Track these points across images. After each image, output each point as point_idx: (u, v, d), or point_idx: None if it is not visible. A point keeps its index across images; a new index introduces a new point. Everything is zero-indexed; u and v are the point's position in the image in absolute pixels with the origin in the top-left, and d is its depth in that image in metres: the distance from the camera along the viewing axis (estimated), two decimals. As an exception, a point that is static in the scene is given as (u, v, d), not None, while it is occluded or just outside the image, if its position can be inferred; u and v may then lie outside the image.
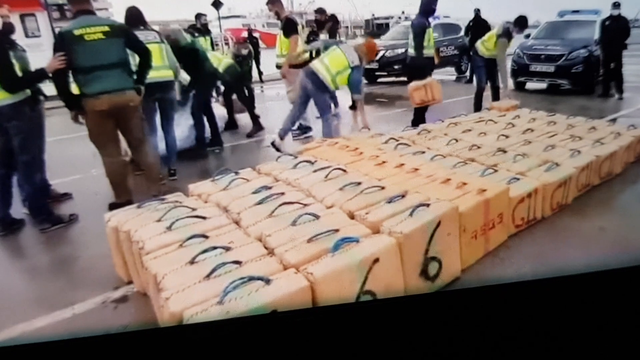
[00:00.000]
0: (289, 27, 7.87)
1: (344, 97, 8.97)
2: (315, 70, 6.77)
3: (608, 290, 2.06)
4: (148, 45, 5.54)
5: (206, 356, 1.91)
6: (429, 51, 7.88)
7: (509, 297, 2.07)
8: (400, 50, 14.39)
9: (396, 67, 14.52)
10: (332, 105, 7.97)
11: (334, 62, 6.75)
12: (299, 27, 8.20)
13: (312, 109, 7.48)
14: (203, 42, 10.09)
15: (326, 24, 9.80)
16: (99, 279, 3.86)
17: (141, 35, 5.71)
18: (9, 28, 5.18)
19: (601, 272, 2.12)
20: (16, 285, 4.11)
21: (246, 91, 8.96)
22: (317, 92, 6.83)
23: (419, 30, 7.75)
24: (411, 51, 7.94)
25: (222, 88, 9.07)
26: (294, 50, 7.81)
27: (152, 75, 5.78)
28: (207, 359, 1.91)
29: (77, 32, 4.77)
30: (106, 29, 4.89)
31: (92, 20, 4.92)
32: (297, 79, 7.22)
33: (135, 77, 5.22)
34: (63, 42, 4.79)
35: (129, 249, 3.43)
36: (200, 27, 11.14)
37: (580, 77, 11.18)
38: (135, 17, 6.23)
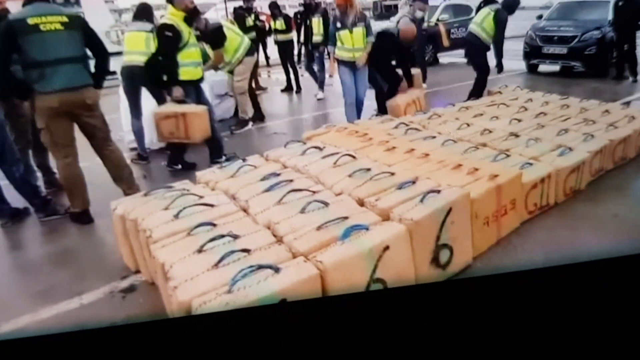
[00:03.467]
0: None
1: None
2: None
3: (622, 277, 2.02)
4: None
5: (215, 346, 1.89)
6: None
7: (521, 285, 2.04)
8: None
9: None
10: None
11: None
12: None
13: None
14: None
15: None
16: (105, 268, 3.85)
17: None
18: (4, 13, 4.99)
19: (615, 259, 2.09)
20: (22, 275, 4.10)
21: None
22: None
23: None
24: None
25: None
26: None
27: None
28: (216, 349, 1.89)
29: (31, 21, 4.33)
30: (64, 19, 4.48)
31: (49, 8, 4.51)
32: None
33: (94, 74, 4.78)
34: (13, 32, 4.32)
35: (136, 237, 3.42)
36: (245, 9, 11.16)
37: (593, 59, 11.01)
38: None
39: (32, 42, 4.37)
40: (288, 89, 11.34)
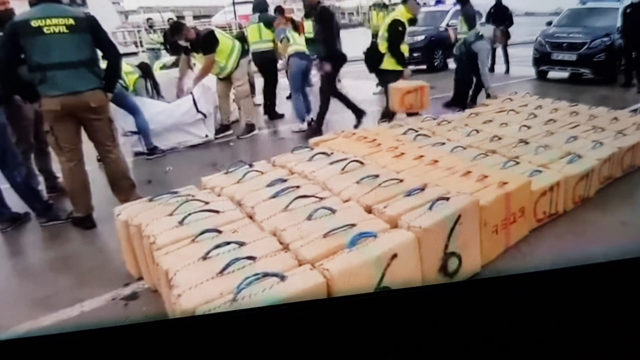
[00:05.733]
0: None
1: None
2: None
3: (627, 279, 2.01)
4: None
5: (219, 348, 1.87)
6: None
7: (527, 288, 2.03)
8: (420, 38, 14.11)
9: (415, 54, 14.09)
10: None
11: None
12: None
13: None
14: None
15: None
16: (108, 275, 3.80)
17: None
18: (9, 14, 4.86)
19: (621, 261, 2.07)
20: (22, 282, 4.06)
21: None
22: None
23: None
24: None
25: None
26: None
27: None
28: (220, 351, 1.87)
29: (35, 24, 4.24)
30: (71, 22, 4.35)
31: (55, 10, 4.37)
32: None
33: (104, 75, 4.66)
34: (16, 34, 4.26)
35: (140, 244, 3.37)
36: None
37: (602, 66, 10.95)
38: None
39: (35, 45, 4.29)
40: None
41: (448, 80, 8.98)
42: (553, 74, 12.11)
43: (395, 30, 7.07)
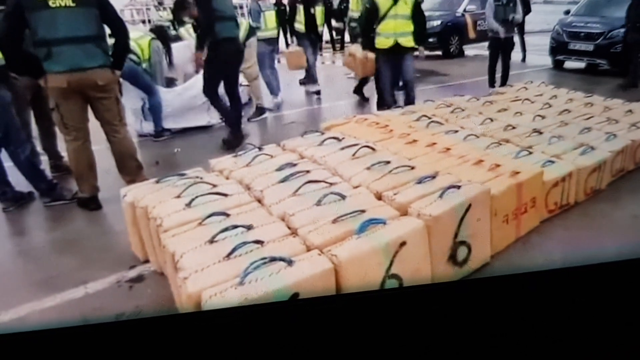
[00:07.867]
0: None
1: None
2: None
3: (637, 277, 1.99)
4: None
5: (227, 342, 1.86)
6: None
7: (539, 285, 2.01)
8: (435, 23, 13.96)
9: (430, 40, 13.94)
10: None
11: None
12: None
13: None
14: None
15: None
16: (113, 257, 3.77)
17: None
18: None
19: (633, 261, 2.05)
20: (24, 262, 4.03)
21: None
22: None
23: None
24: None
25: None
26: None
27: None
28: (228, 345, 1.86)
29: None
30: None
31: None
32: None
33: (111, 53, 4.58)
34: (21, 8, 4.15)
35: (146, 226, 3.36)
36: None
37: (619, 57, 10.79)
38: None
39: (40, 18, 4.17)
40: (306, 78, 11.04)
41: (464, 67, 8.86)
42: (570, 64, 12.00)
43: (364, 7, 6.71)
